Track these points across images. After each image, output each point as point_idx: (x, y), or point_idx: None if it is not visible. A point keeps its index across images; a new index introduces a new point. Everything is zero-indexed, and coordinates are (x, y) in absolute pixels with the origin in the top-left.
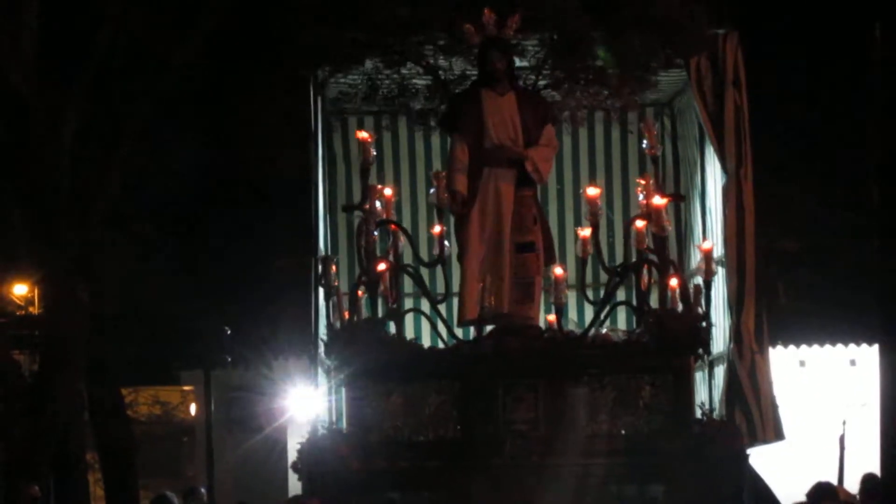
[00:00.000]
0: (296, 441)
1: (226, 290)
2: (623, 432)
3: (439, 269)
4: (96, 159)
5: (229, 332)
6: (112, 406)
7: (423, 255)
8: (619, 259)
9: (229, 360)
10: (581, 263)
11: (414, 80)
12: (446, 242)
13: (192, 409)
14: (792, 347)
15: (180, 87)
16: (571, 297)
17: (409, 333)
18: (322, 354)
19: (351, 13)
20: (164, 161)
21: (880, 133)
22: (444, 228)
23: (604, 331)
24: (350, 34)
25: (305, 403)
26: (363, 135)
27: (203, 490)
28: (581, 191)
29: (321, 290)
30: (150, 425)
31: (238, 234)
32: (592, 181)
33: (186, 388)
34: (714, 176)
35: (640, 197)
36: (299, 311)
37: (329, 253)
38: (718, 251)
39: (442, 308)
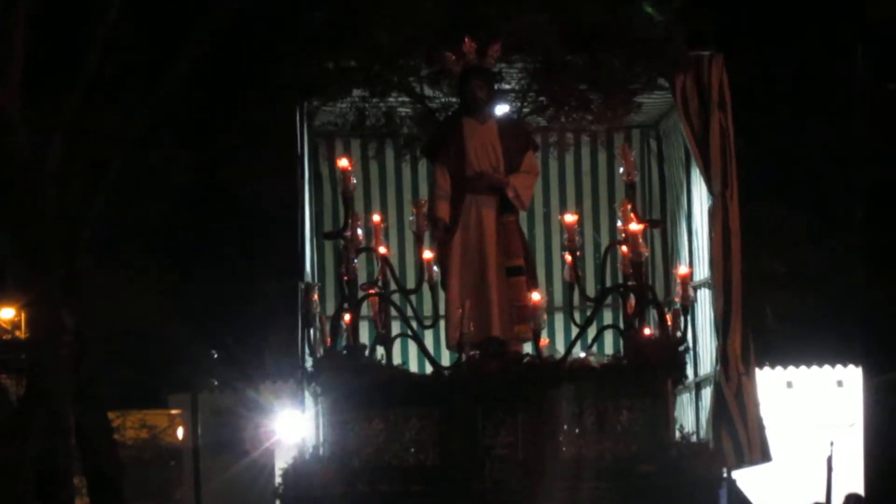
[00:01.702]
0: (282, 464)
1: (213, 314)
2: (602, 456)
3: (429, 294)
4: (83, 182)
5: (216, 355)
6: (99, 430)
7: (411, 280)
8: (607, 282)
9: (216, 383)
10: (569, 287)
11: (400, 109)
12: (435, 268)
13: (180, 432)
14: (779, 368)
15: (167, 111)
16: (559, 321)
17: (398, 358)
18: (307, 380)
19: (336, 44)
20: (151, 184)
21: (866, 158)
22: (434, 254)
23: (583, 355)
24: (337, 64)
25: (293, 427)
26: (344, 163)
27: None
28: (559, 217)
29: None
30: (138, 449)
31: (225, 257)
32: (579, 204)
33: (174, 411)
34: (700, 198)
35: (619, 222)
36: (286, 335)
37: (317, 275)
38: (705, 273)
39: (431, 333)
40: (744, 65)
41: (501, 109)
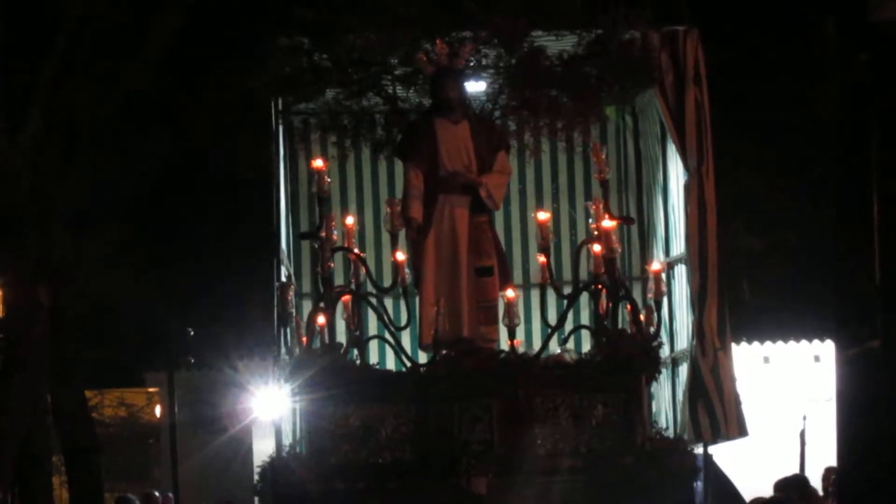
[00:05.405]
0: (260, 442)
1: (191, 292)
2: (577, 451)
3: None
4: (57, 160)
5: (193, 333)
6: (76, 408)
7: (386, 280)
8: (581, 275)
9: (192, 361)
10: (541, 287)
11: (373, 111)
12: (407, 270)
13: (157, 410)
14: (756, 344)
15: (142, 90)
16: (535, 297)
17: (374, 358)
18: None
19: (311, 44)
20: (128, 162)
21: (837, 128)
22: (407, 256)
23: (557, 352)
24: (311, 62)
25: (270, 404)
26: (318, 163)
27: (157, 494)
28: (533, 214)
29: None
30: (116, 427)
31: (201, 234)
32: (555, 181)
33: (151, 389)
34: (676, 173)
35: (591, 220)
36: (264, 312)
37: (292, 255)
38: (681, 248)
39: (407, 333)
40: (718, 37)
41: (474, 87)
